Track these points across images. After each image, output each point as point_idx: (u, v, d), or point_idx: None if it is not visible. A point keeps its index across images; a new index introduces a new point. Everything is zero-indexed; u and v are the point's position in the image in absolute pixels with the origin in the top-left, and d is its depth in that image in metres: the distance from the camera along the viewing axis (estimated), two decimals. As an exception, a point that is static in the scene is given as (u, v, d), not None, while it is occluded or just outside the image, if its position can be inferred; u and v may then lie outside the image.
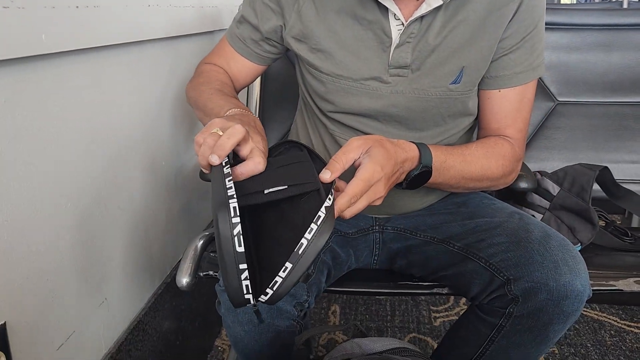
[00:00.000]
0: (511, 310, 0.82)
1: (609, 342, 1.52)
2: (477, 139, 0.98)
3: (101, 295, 0.95)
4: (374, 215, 1.04)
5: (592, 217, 1.09)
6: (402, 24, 0.85)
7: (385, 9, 0.85)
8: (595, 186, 1.16)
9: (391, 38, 0.86)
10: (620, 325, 1.60)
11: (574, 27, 1.40)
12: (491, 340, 0.85)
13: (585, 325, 1.60)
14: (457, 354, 0.91)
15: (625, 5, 3.46)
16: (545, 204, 1.13)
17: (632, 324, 1.61)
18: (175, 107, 1.24)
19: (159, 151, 1.16)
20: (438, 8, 0.83)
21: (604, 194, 1.21)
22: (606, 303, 1.66)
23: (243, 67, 1.02)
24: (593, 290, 0.94)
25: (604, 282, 0.94)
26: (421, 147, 0.80)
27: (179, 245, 1.28)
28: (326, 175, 0.66)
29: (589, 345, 1.51)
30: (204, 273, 0.97)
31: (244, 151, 0.66)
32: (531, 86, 0.92)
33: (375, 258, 1.06)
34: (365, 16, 0.86)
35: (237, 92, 1.03)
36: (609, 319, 1.63)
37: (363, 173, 0.68)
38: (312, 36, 0.90)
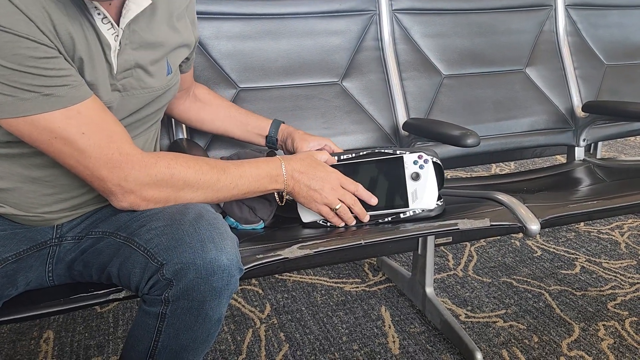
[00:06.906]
0: (167, 295, 0.82)
1: (320, 301, 1.69)
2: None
3: None
4: (56, 223, 0.97)
5: (266, 195, 1.17)
6: (112, 25, 0.86)
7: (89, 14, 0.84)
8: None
9: (110, 45, 0.87)
10: (329, 284, 1.79)
11: (243, 16, 1.48)
12: (159, 331, 0.85)
13: (301, 291, 1.75)
14: (134, 354, 0.88)
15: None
16: (225, 188, 1.17)
17: (339, 280, 1.81)
18: None
19: None
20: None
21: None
22: (280, 272, 1.79)
23: None
24: (263, 263, 1.01)
25: (272, 253, 1.01)
26: None
27: None
28: None
29: (303, 308, 1.65)
30: None
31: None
32: None
33: (50, 275, 0.97)
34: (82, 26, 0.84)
35: None
36: (321, 280, 1.81)
37: None
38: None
